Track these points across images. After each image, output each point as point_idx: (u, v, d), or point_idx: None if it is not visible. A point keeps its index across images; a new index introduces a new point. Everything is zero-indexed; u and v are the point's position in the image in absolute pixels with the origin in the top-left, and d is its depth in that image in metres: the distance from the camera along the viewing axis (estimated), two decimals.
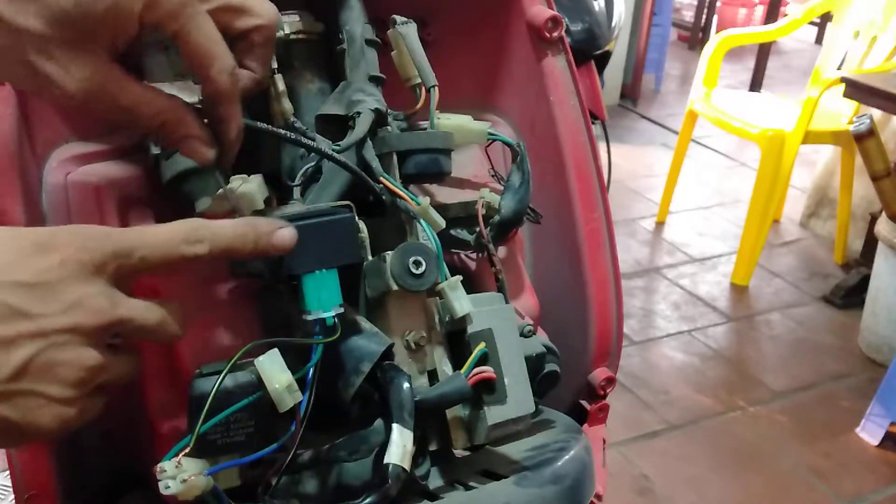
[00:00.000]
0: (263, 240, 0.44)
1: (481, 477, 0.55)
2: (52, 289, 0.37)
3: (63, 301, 0.37)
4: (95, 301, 0.38)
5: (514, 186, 0.62)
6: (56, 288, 0.37)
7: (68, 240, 0.38)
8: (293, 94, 0.59)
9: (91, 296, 0.38)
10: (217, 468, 0.45)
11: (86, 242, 0.39)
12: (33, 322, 0.36)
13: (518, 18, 0.70)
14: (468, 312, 0.53)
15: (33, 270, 0.37)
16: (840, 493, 1.86)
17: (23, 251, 0.37)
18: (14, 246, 0.37)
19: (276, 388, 0.45)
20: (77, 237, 0.39)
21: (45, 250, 0.37)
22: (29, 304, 0.36)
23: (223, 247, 0.43)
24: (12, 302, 0.36)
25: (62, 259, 0.37)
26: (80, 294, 0.38)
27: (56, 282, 0.37)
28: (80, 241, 0.38)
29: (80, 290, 0.38)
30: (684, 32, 5.85)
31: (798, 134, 2.54)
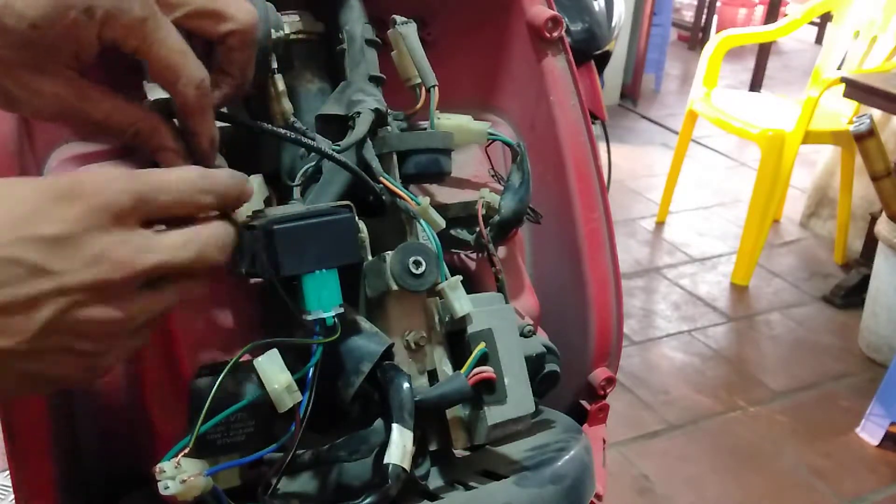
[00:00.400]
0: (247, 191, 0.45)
1: (481, 477, 0.55)
2: (73, 242, 0.35)
3: (85, 255, 0.35)
4: (120, 252, 0.36)
5: (514, 186, 0.62)
6: (77, 241, 0.35)
7: (91, 187, 0.36)
8: (293, 94, 0.59)
9: (114, 246, 0.36)
10: (216, 468, 0.45)
11: (109, 186, 0.37)
12: (54, 279, 0.35)
13: (518, 18, 0.70)
14: (468, 312, 0.53)
15: (53, 223, 0.35)
16: (840, 493, 1.86)
17: (42, 202, 0.35)
18: (33, 197, 0.35)
19: (276, 388, 0.44)
20: (99, 183, 0.37)
21: (66, 200, 0.35)
22: (49, 261, 0.34)
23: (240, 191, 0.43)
24: (32, 258, 0.34)
25: (84, 209, 0.35)
26: (102, 246, 0.36)
27: (77, 234, 0.35)
28: (103, 186, 0.36)
29: (102, 242, 0.36)
30: (684, 32, 5.86)
31: (798, 134, 2.55)
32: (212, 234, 0.41)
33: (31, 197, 0.35)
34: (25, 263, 0.34)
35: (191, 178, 0.41)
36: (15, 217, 0.34)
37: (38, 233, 0.34)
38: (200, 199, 0.41)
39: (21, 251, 0.34)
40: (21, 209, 0.34)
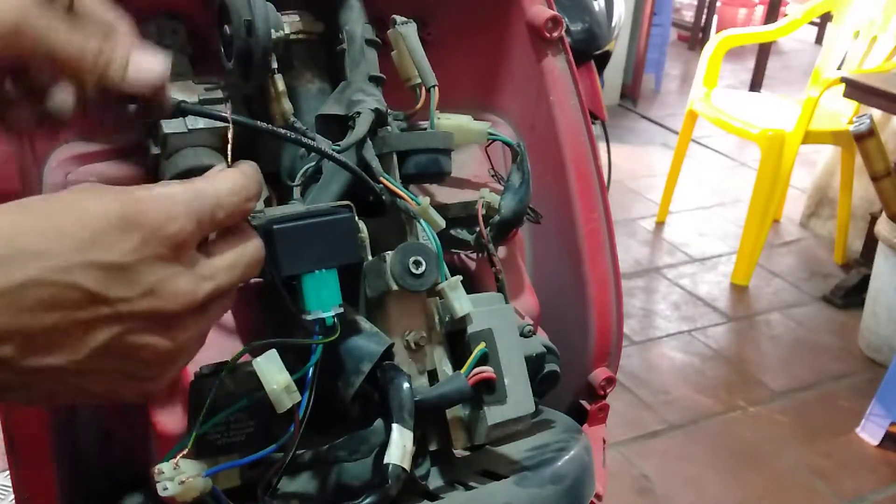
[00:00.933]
0: None
1: (481, 477, 0.55)
2: (130, 272, 0.35)
3: (142, 285, 0.35)
4: (176, 285, 0.36)
5: (514, 186, 0.62)
6: (135, 271, 0.35)
7: (153, 217, 0.35)
8: (293, 94, 0.59)
9: (172, 278, 0.36)
10: (215, 469, 0.45)
11: (171, 216, 0.36)
12: (111, 307, 0.34)
13: (518, 18, 0.70)
14: (468, 312, 0.53)
15: (112, 252, 0.34)
16: (840, 493, 1.86)
17: (104, 228, 0.34)
18: (96, 222, 0.34)
19: (274, 388, 0.45)
20: (161, 213, 0.36)
21: (127, 228, 0.35)
22: (106, 288, 0.34)
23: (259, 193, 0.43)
24: (89, 285, 0.34)
25: (144, 239, 0.35)
26: (160, 277, 0.35)
27: (135, 264, 0.35)
28: (164, 217, 0.36)
29: (160, 273, 0.35)
30: (684, 32, 5.85)
31: (798, 134, 2.55)
32: (253, 252, 0.41)
33: (94, 222, 0.34)
34: (83, 289, 0.34)
35: (238, 186, 0.40)
36: (72, 241, 0.34)
37: (97, 259, 0.34)
38: (247, 206, 0.41)
39: (80, 277, 0.34)
40: (82, 234, 0.34)
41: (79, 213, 0.34)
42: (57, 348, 0.34)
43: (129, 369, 0.37)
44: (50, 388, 0.36)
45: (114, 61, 0.40)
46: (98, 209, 0.35)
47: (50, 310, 0.33)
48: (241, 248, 0.41)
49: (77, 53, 0.39)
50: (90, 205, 0.35)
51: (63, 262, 0.33)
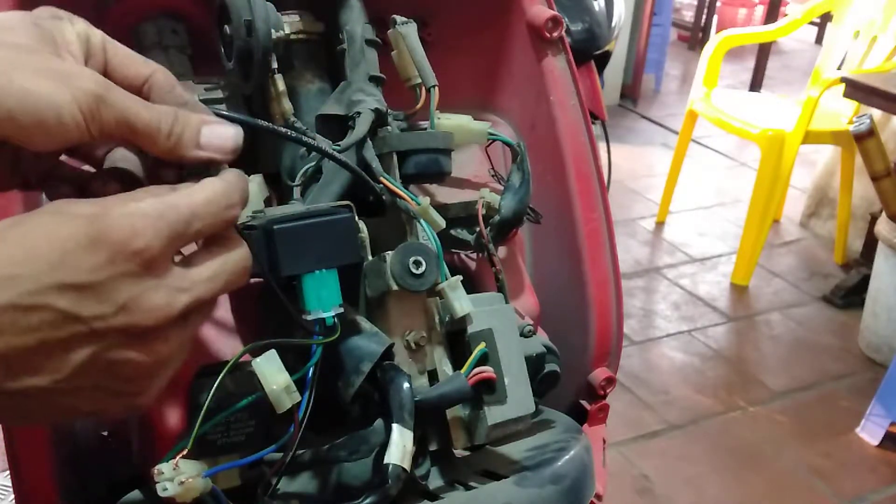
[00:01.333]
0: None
1: (481, 477, 0.55)
2: (101, 290, 0.35)
3: (115, 302, 0.35)
4: (150, 299, 0.36)
5: (514, 186, 0.62)
6: (105, 289, 0.35)
7: (118, 234, 0.35)
8: (293, 94, 0.59)
9: (144, 294, 0.36)
10: (215, 470, 0.45)
11: (137, 232, 0.36)
12: (86, 325, 0.35)
13: (518, 18, 0.70)
14: (468, 312, 0.53)
15: (80, 272, 0.34)
16: (840, 493, 1.86)
17: (71, 249, 0.34)
18: (61, 244, 0.34)
19: (274, 389, 0.45)
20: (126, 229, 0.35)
21: (93, 247, 0.35)
22: (79, 307, 0.34)
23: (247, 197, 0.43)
24: (62, 306, 0.34)
25: (111, 256, 0.35)
26: (132, 293, 0.35)
27: (105, 283, 0.35)
28: (130, 233, 0.35)
29: (132, 290, 0.35)
30: (684, 32, 5.86)
31: (798, 134, 2.55)
32: (238, 261, 0.41)
33: (62, 244, 0.35)
34: (57, 310, 0.34)
35: (216, 196, 0.40)
36: (42, 264, 0.34)
37: (67, 280, 0.34)
38: (228, 214, 0.40)
39: (52, 299, 0.34)
40: (52, 256, 0.34)
41: (47, 237, 0.35)
42: (39, 369, 0.35)
43: (113, 386, 0.37)
44: (38, 408, 0.36)
45: (187, 132, 0.41)
46: (65, 231, 0.35)
47: (27, 332, 0.34)
48: (224, 258, 0.40)
49: (154, 127, 0.40)
50: (58, 227, 0.35)
51: (35, 285, 0.34)
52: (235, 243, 0.42)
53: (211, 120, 0.42)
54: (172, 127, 0.40)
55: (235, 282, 0.41)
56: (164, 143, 0.40)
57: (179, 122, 0.41)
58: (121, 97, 0.39)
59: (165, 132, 0.40)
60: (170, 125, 0.40)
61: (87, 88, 0.37)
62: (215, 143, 0.42)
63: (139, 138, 0.40)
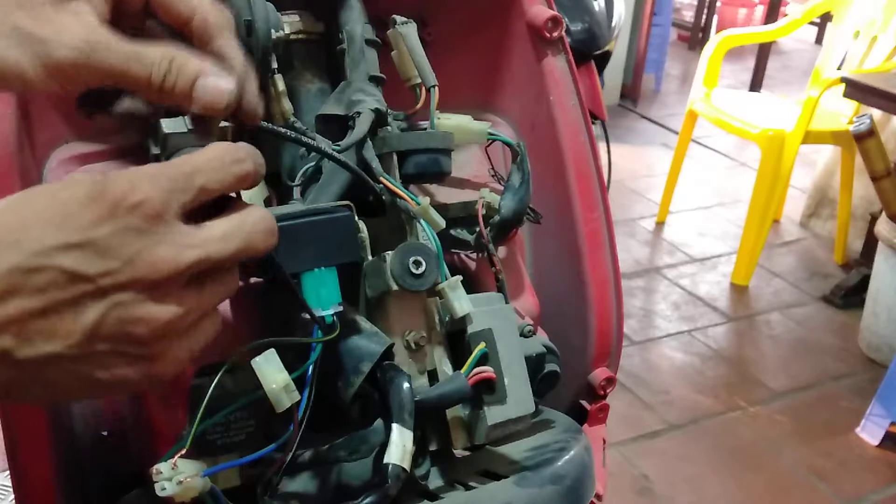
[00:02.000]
0: None
1: (481, 477, 0.55)
2: (104, 246, 0.35)
3: (119, 257, 0.35)
4: (155, 252, 0.36)
5: (514, 186, 0.62)
6: (108, 244, 0.35)
7: (117, 190, 0.35)
8: (293, 94, 0.59)
9: (149, 247, 0.36)
10: (214, 469, 0.45)
11: (135, 186, 0.36)
12: (93, 283, 0.35)
13: (518, 18, 0.70)
14: (468, 312, 0.53)
15: (82, 230, 0.34)
16: (840, 493, 1.86)
17: (70, 208, 0.35)
18: (61, 204, 0.35)
19: (273, 388, 0.45)
20: (124, 184, 0.36)
21: (94, 203, 0.35)
22: (85, 265, 0.34)
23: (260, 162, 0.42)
24: (67, 265, 0.34)
25: (111, 211, 0.35)
26: (136, 247, 0.35)
27: (107, 238, 0.35)
28: (128, 188, 0.36)
29: (135, 244, 0.35)
30: (684, 32, 5.86)
31: (798, 134, 2.55)
32: (256, 221, 0.40)
33: (59, 204, 0.35)
34: (63, 269, 0.34)
35: (220, 152, 0.39)
36: (46, 226, 0.34)
37: (70, 239, 0.34)
38: (236, 169, 0.40)
39: (57, 259, 0.34)
40: (54, 218, 0.34)
41: (49, 200, 0.35)
42: (51, 334, 0.35)
43: (128, 350, 0.37)
44: (54, 380, 0.36)
45: (179, 82, 0.41)
46: (66, 194, 0.35)
47: (35, 295, 0.34)
48: (239, 218, 0.39)
49: (143, 75, 0.40)
50: (59, 192, 0.35)
51: (39, 245, 0.34)
52: (253, 207, 0.41)
53: (209, 72, 0.41)
54: (166, 76, 0.40)
55: (257, 242, 0.40)
56: (157, 92, 0.40)
57: (173, 72, 0.40)
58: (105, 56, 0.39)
59: (157, 81, 0.40)
60: (161, 74, 0.40)
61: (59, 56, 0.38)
62: (205, 98, 0.41)
63: (131, 87, 0.40)
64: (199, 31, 0.42)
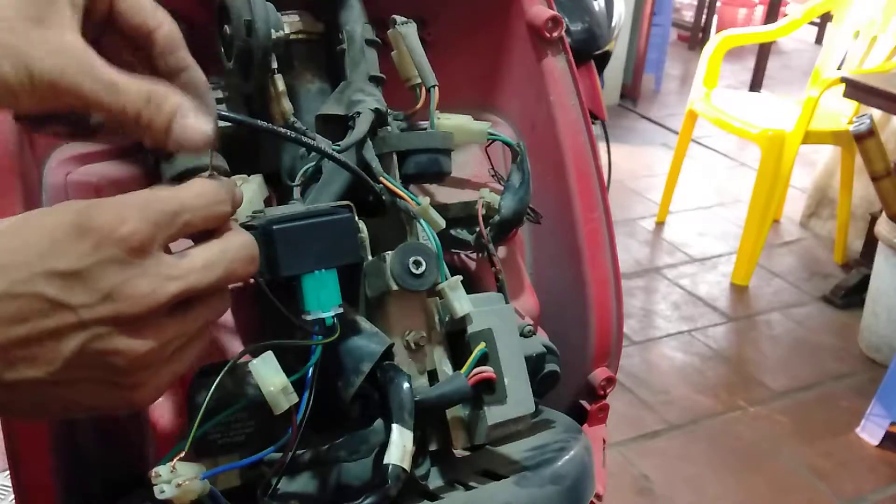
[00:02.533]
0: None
1: (481, 477, 0.55)
2: (87, 277, 0.35)
3: (101, 290, 0.35)
4: (136, 286, 0.36)
5: (514, 186, 0.62)
6: (92, 276, 0.35)
7: (103, 221, 0.35)
8: (293, 94, 0.59)
9: (131, 280, 0.36)
10: (213, 472, 0.45)
11: (122, 219, 0.36)
12: (74, 313, 0.35)
13: (518, 18, 0.70)
14: (468, 312, 0.53)
15: (67, 259, 0.35)
16: (840, 493, 1.86)
17: (58, 237, 0.35)
18: (49, 232, 0.35)
19: (271, 390, 0.45)
20: (111, 217, 0.36)
21: (80, 232, 0.35)
22: (66, 295, 0.35)
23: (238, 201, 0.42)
24: (50, 294, 0.34)
25: (97, 243, 0.35)
26: (117, 280, 0.35)
27: (91, 269, 0.35)
28: (115, 221, 0.36)
29: (117, 277, 0.35)
30: (684, 32, 5.85)
31: (798, 134, 2.55)
32: (238, 248, 0.40)
33: (47, 232, 0.35)
34: (46, 298, 0.34)
35: (205, 191, 0.40)
36: (32, 253, 0.34)
37: (53, 268, 0.35)
38: (219, 210, 0.40)
39: (40, 287, 0.34)
40: (40, 245, 0.35)
41: (36, 227, 0.35)
42: (33, 360, 0.35)
43: (108, 377, 0.37)
44: (36, 401, 0.37)
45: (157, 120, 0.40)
46: (53, 221, 0.35)
47: (19, 322, 0.34)
48: (221, 247, 0.40)
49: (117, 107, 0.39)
50: (46, 218, 0.36)
51: (24, 273, 0.34)
52: (235, 233, 0.41)
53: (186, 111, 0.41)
54: (141, 112, 0.39)
55: (239, 270, 0.40)
56: (132, 127, 0.40)
57: (150, 108, 0.39)
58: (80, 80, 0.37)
59: (132, 117, 0.39)
60: (137, 111, 0.39)
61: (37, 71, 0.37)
62: (183, 138, 0.41)
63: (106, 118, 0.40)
64: (164, 42, 0.41)
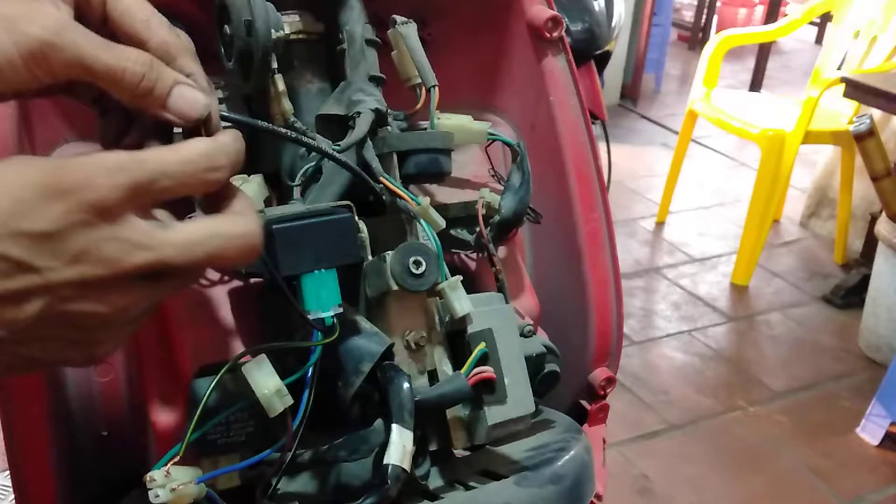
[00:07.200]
0: None
1: (481, 477, 0.55)
2: (56, 239, 0.34)
3: (69, 252, 0.34)
4: (106, 249, 0.35)
5: (514, 186, 0.62)
6: (61, 238, 0.34)
7: (76, 181, 0.34)
8: (293, 94, 0.59)
9: (100, 244, 0.35)
10: (208, 476, 0.45)
11: (96, 180, 0.35)
12: (40, 275, 0.34)
13: (518, 18, 0.70)
14: (468, 312, 0.53)
15: (36, 219, 0.34)
16: (840, 493, 1.86)
17: (28, 196, 0.34)
18: (19, 190, 0.34)
19: (265, 393, 0.45)
20: (84, 177, 0.35)
21: (51, 194, 0.34)
22: (32, 257, 0.34)
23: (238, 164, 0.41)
24: (16, 254, 0.34)
25: (69, 205, 0.34)
26: (86, 243, 0.35)
27: (61, 231, 0.34)
28: (88, 181, 0.35)
29: (87, 239, 0.35)
30: (684, 32, 5.86)
31: (798, 134, 2.55)
32: (232, 236, 0.39)
33: (17, 191, 0.34)
34: (11, 259, 0.34)
35: (195, 156, 0.38)
36: (1, 212, 0.34)
37: (21, 228, 0.34)
38: (208, 177, 0.38)
39: (6, 247, 0.34)
40: (6, 204, 0.34)
41: (5, 184, 0.34)
42: None
43: (70, 336, 0.37)
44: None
45: (158, 85, 0.39)
46: (22, 179, 0.34)
47: None
48: (212, 228, 0.38)
49: (115, 72, 0.38)
50: (16, 175, 0.34)
51: None
52: (235, 217, 0.40)
53: (185, 81, 0.40)
54: (143, 76, 0.38)
55: (228, 256, 0.39)
56: (130, 91, 0.38)
57: (152, 74, 0.39)
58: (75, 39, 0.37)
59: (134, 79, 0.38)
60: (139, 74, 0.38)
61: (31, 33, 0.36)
62: (180, 104, 0.40)
63: (101, 83, 0.38)
64: (158, 53, 0.40)
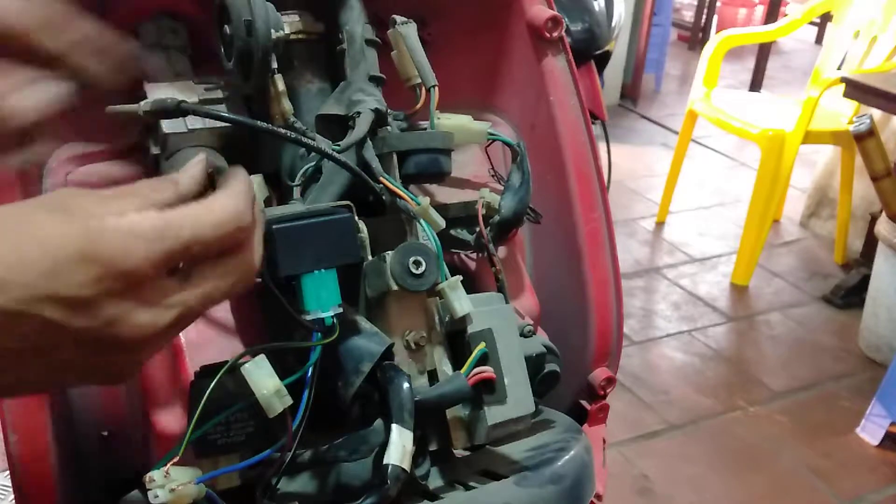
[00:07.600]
0: None
1: (481, 477, 0.55)
2: (90, 304, 0.36)
3: (101, 318, 0.36)
4: (136, 317, 0.37)
5: (514, 186, 0.62)
6: (94, 304, 0.36)
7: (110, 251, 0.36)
8: (293, 94, 0.59)
9: (131, 312, 0.37)
10: (208, 476, 0.45)
11: (129, 251, 0.36)
12: (72, 335, 0.36)
13: (518, 18, 0.70)
14: (468, 312, 0.53)
15: (71, 286, 0.35)
16: (840, 493, 1.86)
17: (62, 258, 0.35)
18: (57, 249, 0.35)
19: (264, 393, 0.45)
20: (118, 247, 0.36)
21: (85, 261, 0.35)
22: (67, 320, 0.35)
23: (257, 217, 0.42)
24: (50, 316, 0.35)
25: (101, 274, 0.35)
26: (119, 311, 0.36)
27: (94, 298, 0.36)
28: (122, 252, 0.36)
29: (119, 308, 0.36)
30: (684, 32, 5.85)
31: (798, 134, 2.54)
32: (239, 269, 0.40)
33: (55, 251, 0.35)
34: (46, 320, 0.35)
35: (228, 219, 0.39)
36: (37, 272, 0.35)
37: (56, 293, 0.35)
38: (238, 236, 0.40)
39: (40, 309, 0.35)
40: (44, 264, 0.35)
41: (41, 242, 0.35)
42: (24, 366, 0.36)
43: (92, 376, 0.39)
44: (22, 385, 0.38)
45: None
46: (60, 239, 0.35)
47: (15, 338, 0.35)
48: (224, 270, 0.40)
49: None
50: (52, 231, 0.35)
51: (25, 293, 0.34)
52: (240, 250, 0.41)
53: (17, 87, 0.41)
54: None
55: (235, 289, 0.41)
56: None
57: None
58: None
59: None
60: None
61: None
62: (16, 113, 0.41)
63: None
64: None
